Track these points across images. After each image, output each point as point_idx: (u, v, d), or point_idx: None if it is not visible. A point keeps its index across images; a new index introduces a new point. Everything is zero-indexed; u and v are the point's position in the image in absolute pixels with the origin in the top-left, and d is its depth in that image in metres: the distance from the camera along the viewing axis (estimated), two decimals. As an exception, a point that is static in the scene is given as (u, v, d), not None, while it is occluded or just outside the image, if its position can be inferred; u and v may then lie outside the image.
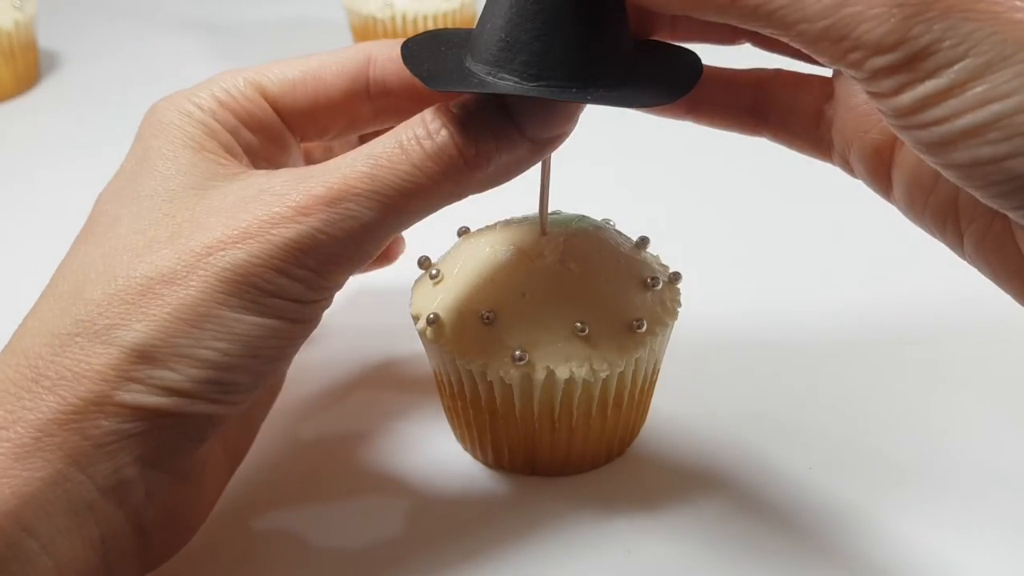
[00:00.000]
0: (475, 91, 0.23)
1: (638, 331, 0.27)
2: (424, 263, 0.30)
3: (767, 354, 0.36)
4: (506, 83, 0.23)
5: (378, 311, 0.37)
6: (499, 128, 0.24)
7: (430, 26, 0.58)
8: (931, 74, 0.19)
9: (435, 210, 0.24)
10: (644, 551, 0.28)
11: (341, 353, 0.36)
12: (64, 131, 0.56)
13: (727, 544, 0.28)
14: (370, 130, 0.30)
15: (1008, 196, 0.20)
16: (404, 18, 0.57)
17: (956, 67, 0.19)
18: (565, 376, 0.26)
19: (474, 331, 0.27)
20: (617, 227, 0.30)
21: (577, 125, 0.25)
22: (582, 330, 0.26)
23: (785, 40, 0.21)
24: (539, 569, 0.27)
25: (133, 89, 0.61)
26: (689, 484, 0.30)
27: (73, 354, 0.22)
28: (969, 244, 0.24)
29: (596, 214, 0.30)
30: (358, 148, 0.24)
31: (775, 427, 0.32)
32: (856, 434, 0.32)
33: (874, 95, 0.21)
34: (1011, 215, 0.21)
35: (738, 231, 0.44)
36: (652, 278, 0.28)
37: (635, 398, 0.29)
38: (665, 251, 0.31)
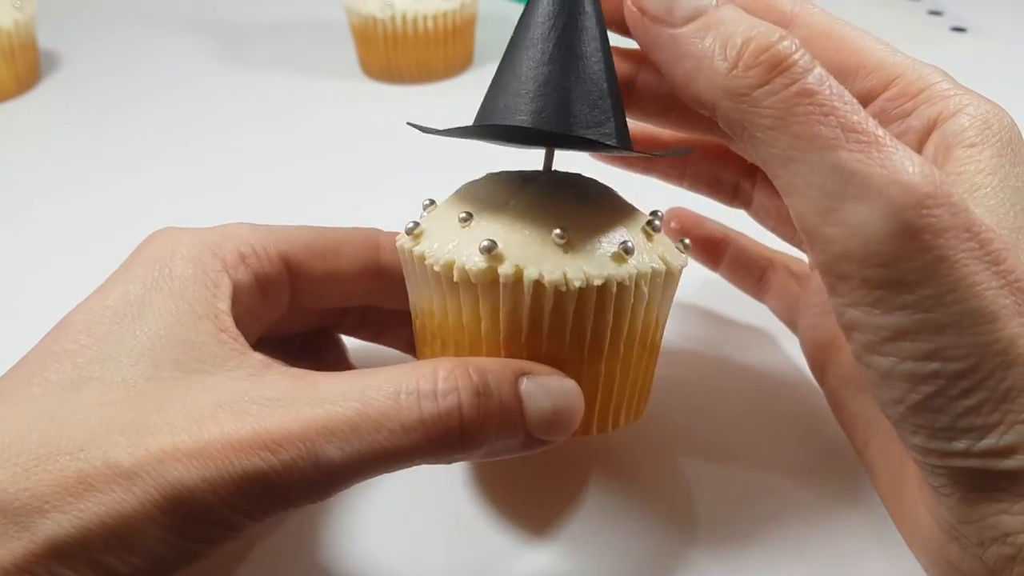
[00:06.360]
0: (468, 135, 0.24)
1: (625, 255, 0.25)
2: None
3: (767, 354, 0.36)
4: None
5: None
6: (509, 411, 0.23)
7: (430, 26, 0.58)
8: (900, 308, 0.21)
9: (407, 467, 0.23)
10: (642, 551, 0.28)
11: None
12: (64, 131, 0.56)
13: (726, 545, 0.28)
14: (367, 304, 0.31)
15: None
16: (404, 18, 0.57)
17: (923, 316, 0.20)
18: (534, 276, 0.24)
19: (448, 231, 0.26)
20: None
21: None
22: (561, 237, 0.24)
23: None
24: (539, 571, 0.28)
25: (133, 89, 0.61)
26: (687, 484, 0.30)
27: None
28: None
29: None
30: (357, 375, 0.23)
31: (774, 426, 0.33)
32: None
33: (844, 304, 0.22)
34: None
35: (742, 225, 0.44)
36: (650, 222, 0.27)
37: (618, 351, 0.26)
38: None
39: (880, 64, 0.25)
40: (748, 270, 0.36)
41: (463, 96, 0.58)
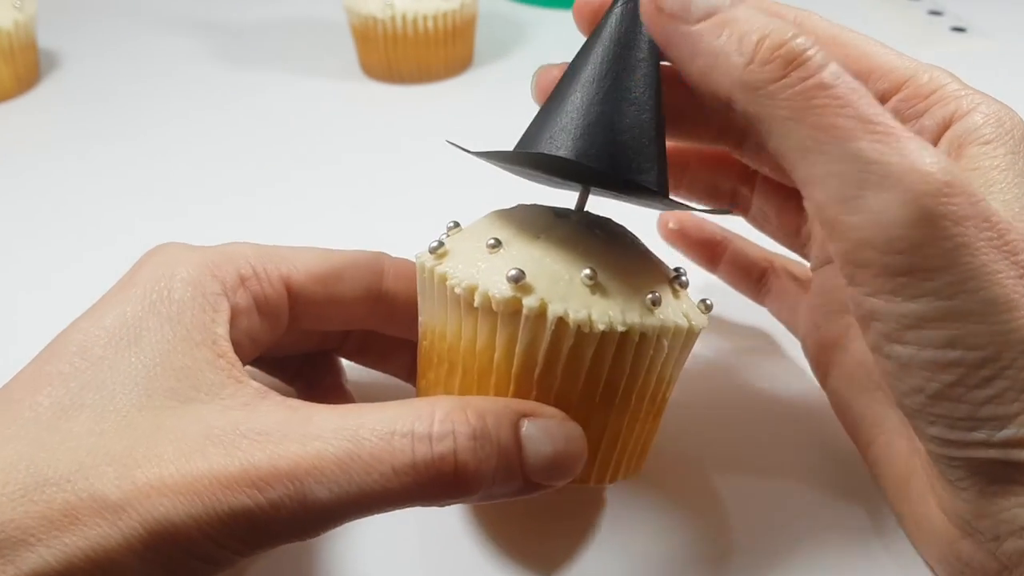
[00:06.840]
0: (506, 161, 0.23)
1: (652, 306, 0.24)
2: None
3: (767, 356, 0.36)
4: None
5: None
6: (507, 455, 0.22)
7: (430, 27, 0.58)
8: (921, 296, 0.21)
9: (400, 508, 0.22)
10: (644, 554, 0.28)
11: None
12: (64, 131, 0.56)
13: (727, 548, 0.28)
14: (368, 328, 0.30)
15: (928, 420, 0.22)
16: (404, 18, 0.57)
17: (944, 303, 0.20)
18: (558, 312, 0.23)
19: (475, 255, 0.25)
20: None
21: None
22: (590, 278, 0.24)
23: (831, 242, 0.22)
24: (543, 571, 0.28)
25: (133, 89, 0.61)
26: (686, 486, 0.30)
27: None
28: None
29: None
30: (354, 410, 0.22)
31: (777, 429, 0.33)
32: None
33: (864, 293, 0.22)
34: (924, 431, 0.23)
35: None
36: (677, 278, 0.26)
37: (629, 403, 0.25)
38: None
39: (890, 67, 0.25)
40: (747, 272, 0.36)
41: (463, 96, 0.58)
